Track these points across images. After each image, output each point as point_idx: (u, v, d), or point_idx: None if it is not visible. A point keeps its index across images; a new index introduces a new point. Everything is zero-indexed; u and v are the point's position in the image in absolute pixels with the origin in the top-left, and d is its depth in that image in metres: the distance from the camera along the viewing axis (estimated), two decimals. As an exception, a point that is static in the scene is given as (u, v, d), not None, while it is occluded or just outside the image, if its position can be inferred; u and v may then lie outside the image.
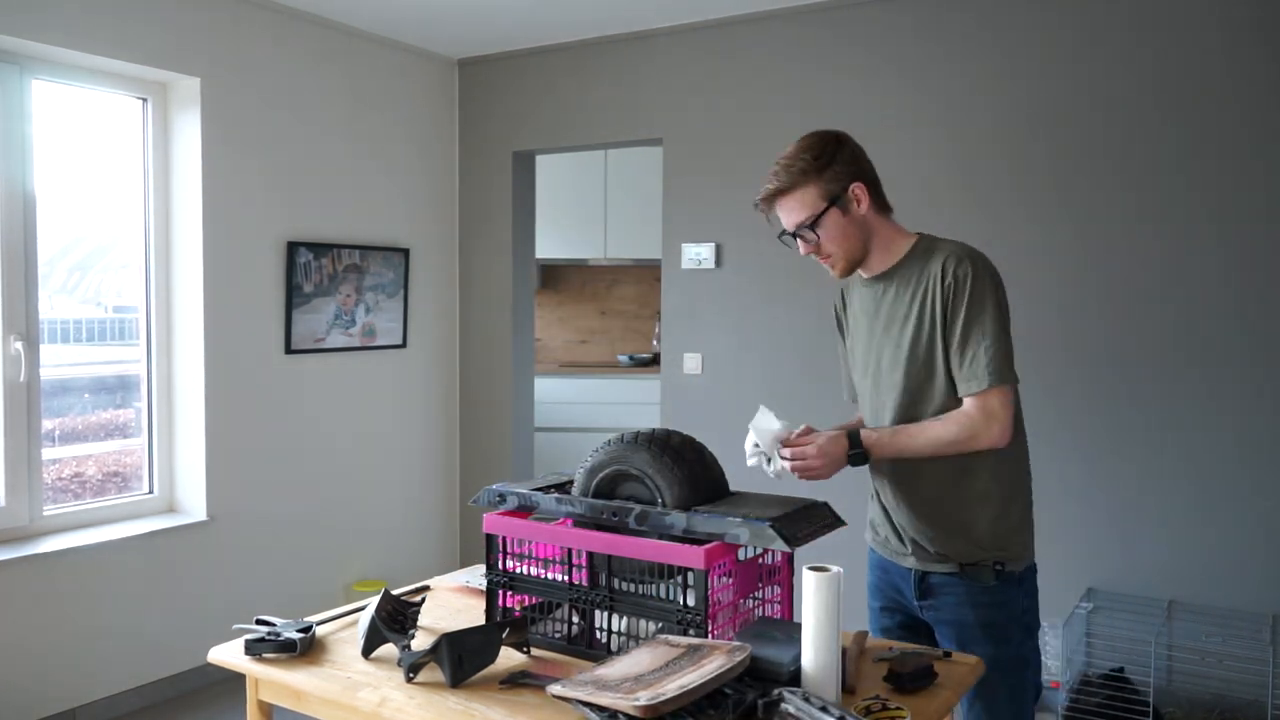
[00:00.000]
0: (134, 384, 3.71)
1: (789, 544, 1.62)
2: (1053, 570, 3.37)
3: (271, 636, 1.81)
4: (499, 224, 4.58)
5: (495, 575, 1.88)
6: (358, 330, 4.22)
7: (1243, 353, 3.08)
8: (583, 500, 1.83)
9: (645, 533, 1.73)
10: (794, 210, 1.93)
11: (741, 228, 3.92)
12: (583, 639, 1.80)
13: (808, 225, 1.93)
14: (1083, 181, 3.30)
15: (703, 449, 1.88)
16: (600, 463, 1.86)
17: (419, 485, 4.55)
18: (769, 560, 1.83)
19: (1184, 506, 3.17)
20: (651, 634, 1.69)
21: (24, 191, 3.25)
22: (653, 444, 1.81)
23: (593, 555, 1.76)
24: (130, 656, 3.45)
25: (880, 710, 1.48)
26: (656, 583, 1.70)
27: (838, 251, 1.95)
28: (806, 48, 3.78)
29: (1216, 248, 3.11)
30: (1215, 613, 3.10)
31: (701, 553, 1.62)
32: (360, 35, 4.17)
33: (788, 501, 1.79)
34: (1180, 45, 3.13)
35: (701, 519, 1.69)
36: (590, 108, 4.30)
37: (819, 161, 1.90)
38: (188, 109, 3.62)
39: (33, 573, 3.17)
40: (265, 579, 3.87)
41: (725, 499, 1.83)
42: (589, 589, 1.77)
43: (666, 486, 1.77)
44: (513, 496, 1.92)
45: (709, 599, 1.63)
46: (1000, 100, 3.42)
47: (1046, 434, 3.39)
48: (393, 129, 4.35)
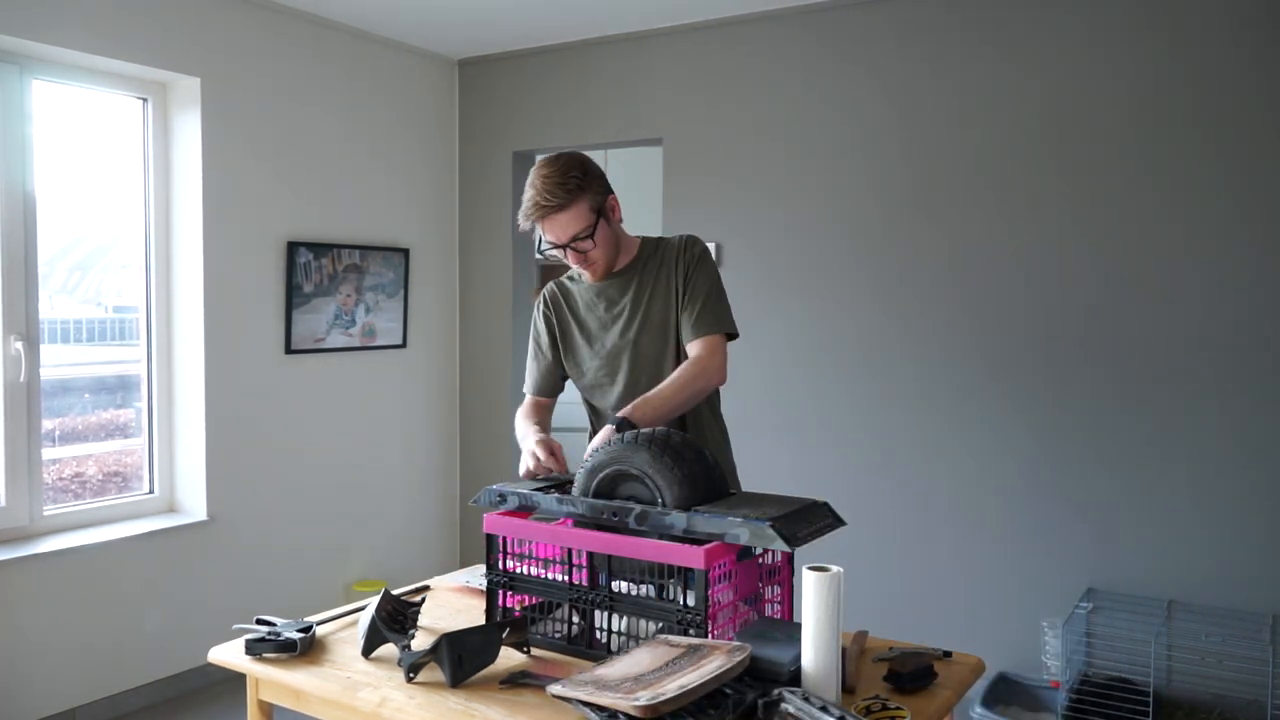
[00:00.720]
0: (134, 384, 3.71)
1: (789, 544, 1.62)
2: (1053, 570, 3.39)
3: (271, 636, 1.81)
4: (499, 224, 4.58)
5: (495, 575, 1.89)
6: (358, 330, 4.22)
7: (1243, 353, 3.08)
8: (583, 500, 1.83)
9: (645, 533, 1.73)
10: (569, 224, 2.11)
11: (741, 228, 3.92)
12: (583, 639, 1.80)
13: (584, 235, 2.13)
14: (1086, 185, 3.30)
15: (703, 449, 1.88)
16: (600, 463, 1.86)
17: (419, 485, 4.55)
18: (769, 560, 1.83)
19: (1184, 506, 3.17)
20: (651, 634, 1.69)
21: (24, 191, 3.25)
22: (653, 444, 1.81)
23: (593, 555, 1.77)
24: (130, 656, 3.45)
25: (880, 710, 1.48)
26: (657, 583, 1.70)
27: (602, 258, 2.19)
28: (806, 48, 3.78)
29: (1216, 249, 3.11)
30: (1215, 613, 3.10)
31: (701, 553, 1.62)
32: (360, 35, 4.17)
33: (788, 501, 1.79)
34: (1190, 46, 3.14)
35: (701, 519, 1.69)
36: (590, 108, 4.30)
37: (584, 180, 2.10)
38: (188, 109, 3.62)
39: (33, 573, 3.17)
40: (265, 579, 3.87)
41: (725, 499, 1.83)
42: (589, 589, 1.77)
43: (666, 486, 1.78)
44: (513, 496, 1.92)
45: (709, 599, 1.63)
46: (1001, 100, 3.42)
47: (1047, 434, 3.39)
48: (393, 129, 4.36)
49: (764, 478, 3.86)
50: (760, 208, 3.89)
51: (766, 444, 3.86)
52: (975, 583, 3.51)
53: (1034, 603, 3.40)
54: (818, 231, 3.77)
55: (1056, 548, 3.38)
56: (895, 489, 3.65)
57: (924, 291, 3.57)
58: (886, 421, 3.66)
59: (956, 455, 3.54)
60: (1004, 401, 3.45)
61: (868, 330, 3.69)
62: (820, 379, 3.79)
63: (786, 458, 3.84)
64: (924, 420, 3.59)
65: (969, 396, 3.51)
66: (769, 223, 3.87)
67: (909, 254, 3.58)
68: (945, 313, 3.54)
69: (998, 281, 3.45)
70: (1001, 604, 3.46)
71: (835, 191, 3.73)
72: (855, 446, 3.73)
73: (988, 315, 3.47)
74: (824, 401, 3.79)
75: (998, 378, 3.47)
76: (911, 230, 3.57)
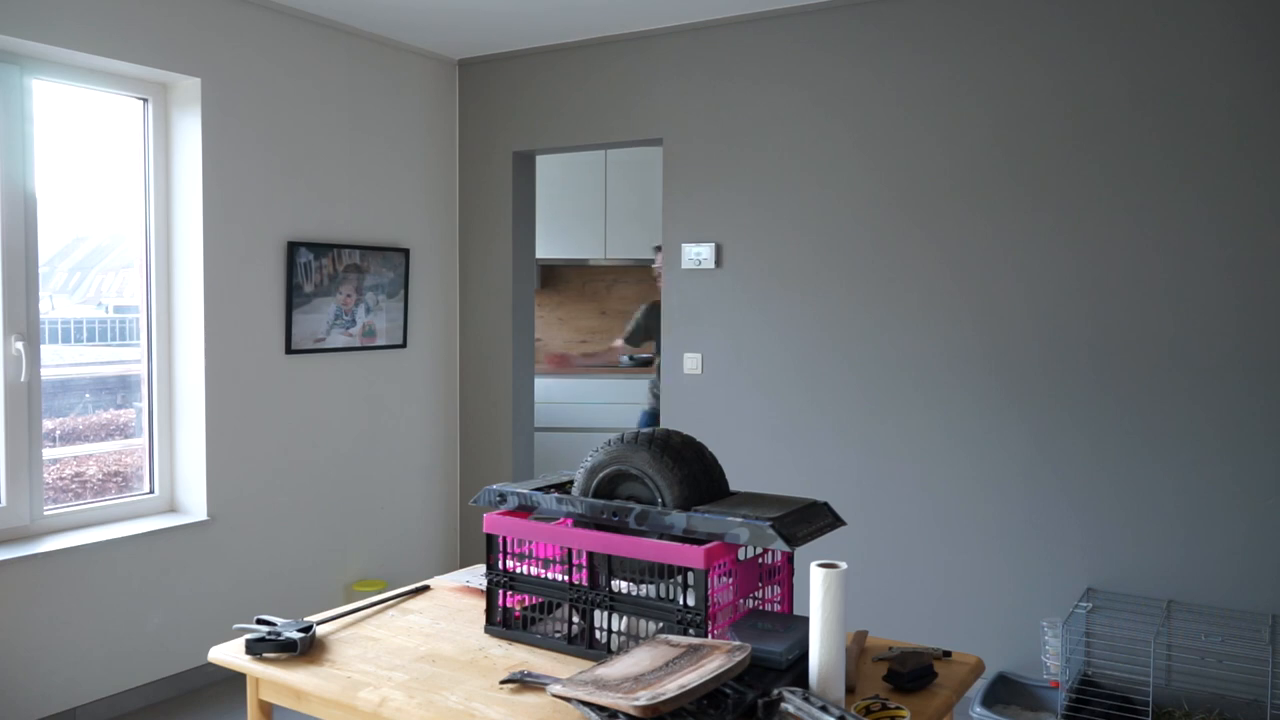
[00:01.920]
0: (134, 384, 3.71)
1: (789, 544, 1.63)
2: (1052, 570, 3.39)
3: (272, 636, 1.81)
4: (499, 224, 4.58)
5: (495, 575, 1.89)
6: (358, 330, 4.22)
7: (1242, 354, 3.08)
8: (583, 500, 1.83)
9: (645, 532, 1.74)
10: None
11: (741, 228, 3.92)
12: (583, 639, 1.80)
13: None
14: (1085, 186, 3.30)
15: (703, 449, 1.89)
16: (600, 462, 1.86)
17: (419, 485, 4.55)
18: (769, 560, 1.83)
19: (1184, 506, 3.17)
20: (651, 634, 1.69)
21: (24, 191, 3.25)
22: (653, 444, 1.81)
23: (593, 555, 1.77)
24: (130, 656, 3.45)
25: (880, 710, 1.48)
26: (657, 582, 1.70)
27: None
28: (807, 48, 3.78)
29: (1216, 251, 3.11)
30: (1215, 613, 3.10)
31: (701, 552, 1.62)
32: (360, 35, 4.17)
33: (788, 502, 1.80)
34: (1193, 46, 3.14)
35: (701, 519, 1.69)
36: (590, 108, 4.31)
37: None
38: (188, 109, 3.62)
39: (33, 573, 3.17)
40: (265, 579, 3.87)
41: (725, 499, 1.83)
42: (589, 589, 1.78)
43: (666, 486, 1.78)
44: (513, 496, 1.93)
45: (709, 599, 1.63)
46: (1002, 101, 3.42)
47: (1046, 433, 3.39)
48: (393, 129, 4.36)
49: (763, 478, 3.87)
50: (760, 207, 3.89)
51: (765, 444, 3.86)
52: (975, 583, 3.51)
53: (1033, 602, 3.40)
54: (818, 231, 3.77)
55: (1056, 547, 3.38)
56: (895, 489, 3.65)
57: (923, 292, 3.57)
58: (886, 421, 3.67)
59: (956, 455, 3.54)
60: (1004, 401, 3.45)
61: (867, 330, 3.69)
62: (819, 379, 3.79)
63: (786, 457, 3.84)
64: (924, 420, 3.59)
65: (968, 396, 3.51)
66: (769, 223, 3.87)
67: (908, 254, 3.58)
68: (945, 313, 3.54)
69: (997, 282, 3.45)
70: (1001, 604, 3.46)
71: (835, 191, 3.73)
72: (855, 446, 3.73)
73: (987, 315, 3.48)
74: (823, 401, 3.79)
75: (997, 377, 3.47)
76: (911, 230, 3.57)
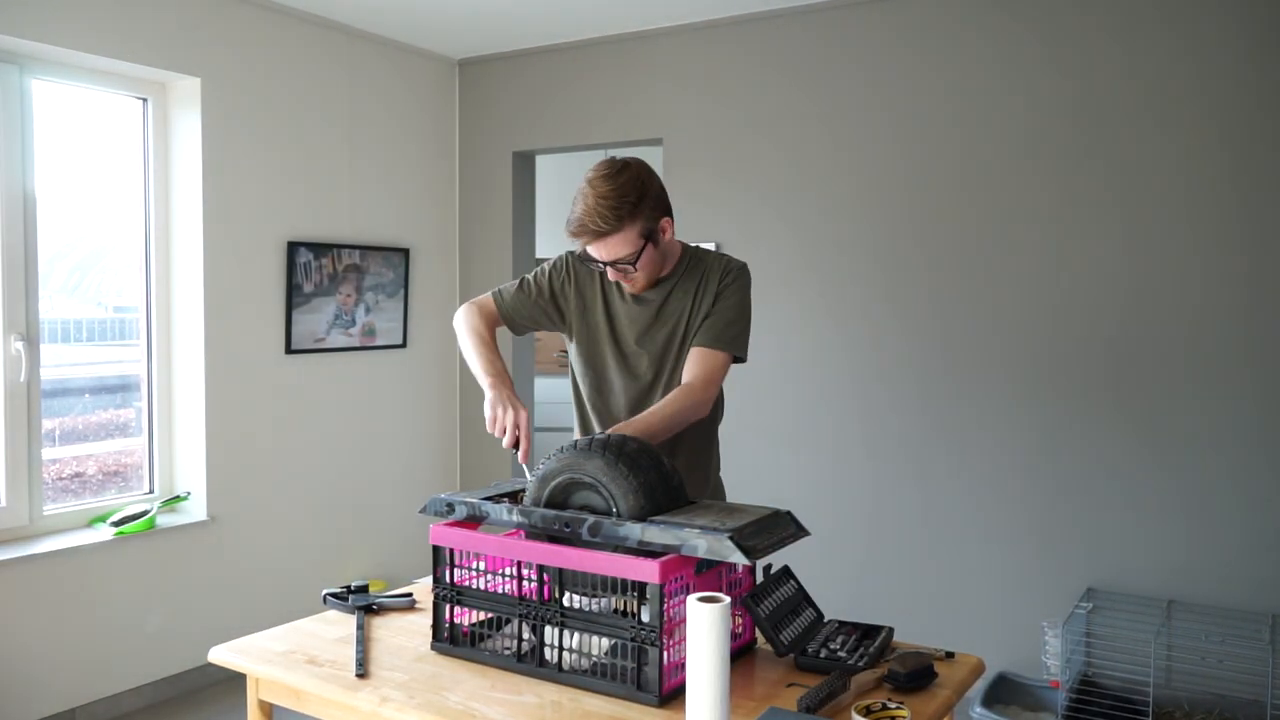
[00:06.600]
0: (134, 384, 3.71)
1: (748, 556, 1.52)
2: (1053, 570, 3.38)
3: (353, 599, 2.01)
4: (499, 224, 4.58)
5: (442, 589, 1.77)
6: (358, 330, 4.22)
7: (1242, 354, 3.08)
8: (534, 510, 1.71)
9: (599, 545, 1.62)
10: (615, 248, 2.00)
11: (741, 227, 3.92)
12: (533, 657, 1.68)
13: (629, 260, 2.03)
14: (1086, 189, 3.30)
15: (660, 456, 1.75)
16: (552, 470, 1.73)
17: (419, 485, 4.54)
18: (730, 573, 1.71)
19: (1183, 506, 3.17)
20: (604, 651, 1.60)
21: (24, 191, 3.25)
22: (607, 450, 1.68)
23: (543, 568, 1.66)
24: (130, 656, 3.45)
25: (880, 710, 1.48)
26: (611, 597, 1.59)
27: (644, 278, 2.10)
28: (806, 48, 3.78)
29: (1215, 252, 3.11)
30: (1215, 613, 3.09)
31: (657, 566, 1.52)
32: (360, 35, 4.17)
33: (749, 511, 1.69)
34: (1197, 47, 3.14)
35: (658, 530, 1.58)
36: (590, 108, 4.30)
37: (638, 205, 1.98)
38: (188, 109, 3.62)
39: (33, 573, 3.17)
40: (265, 579, 3.87)
41: (684, 508, 1.72)
42: (540, 603, 1.66)
43: (621, 496, 1.66)
44: (461, 506, 1.80)
45: (664, 614, 1.53)
46: (1002, 101, 3.42)
47: (1047, 433, 3.39)
48: (393, 129, 4.35)
49: (763, 478, 3.87)
50: (760, 207, 3.89)
51: (765, 444, 3.86)
52: (975, 583, 3.51)
53: (1034, 603, 3.40)
54: (818, 231, 3.77)
55: (1056, 548, 3.38)
56: (895, 489, 3.65)
57: (923, 293, 3.57)
58: (886, 422, 3.66)
59: (956, 455, 3.54)
60: (1004, 401, 3.45)
61: (867, 330, 3.69)
62: (819, 379, 3.79)
63: (785, 458, 3.84)
64: (924, 421, 3.59)
65: (969, 397, 3.51)
66: (769, 222, 3.87)
67: (908, 254, 3.58)
68: (945, 314, 3.54)
69: (998, 284, 3.45)
70: (1001, 604, 3.46)
71: (835, 191, 3.73)
72: (854, 447, 3.72)
73: (987, 317, 3.47)
74: (823, 402, 3.79)
75: (998, 378, 3.47)
76: (911, 231, 3.57)
